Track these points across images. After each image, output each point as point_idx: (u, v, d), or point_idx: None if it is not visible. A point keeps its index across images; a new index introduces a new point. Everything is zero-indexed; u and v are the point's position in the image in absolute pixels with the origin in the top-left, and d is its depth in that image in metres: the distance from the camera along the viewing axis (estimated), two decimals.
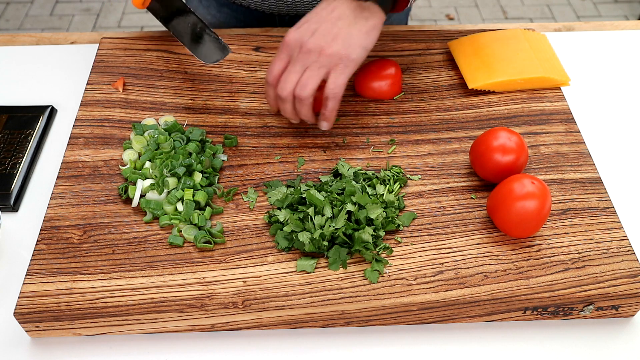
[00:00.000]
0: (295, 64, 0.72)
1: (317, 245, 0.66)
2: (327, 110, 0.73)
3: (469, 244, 0.69)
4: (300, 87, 0.71)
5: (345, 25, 0.72)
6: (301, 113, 0.73)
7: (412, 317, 0.66)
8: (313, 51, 0.71)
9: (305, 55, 0.71)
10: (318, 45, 0.71)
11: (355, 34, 0.72)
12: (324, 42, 0.71)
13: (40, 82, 0.91)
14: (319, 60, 0.71)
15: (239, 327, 0.65)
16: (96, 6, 2.66)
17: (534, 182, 0.67)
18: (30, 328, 0.64)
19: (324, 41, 0.71)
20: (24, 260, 0.70)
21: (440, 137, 0.80)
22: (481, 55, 0.88)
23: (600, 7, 2.71)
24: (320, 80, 0.72)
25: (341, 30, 0.72)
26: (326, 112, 0.74)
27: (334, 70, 0.72)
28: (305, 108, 0.73)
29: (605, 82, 0.93)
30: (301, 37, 0.72)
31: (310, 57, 0.71)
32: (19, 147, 0.80)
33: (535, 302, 0.65)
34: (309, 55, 0.71)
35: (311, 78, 0.71)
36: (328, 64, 0.71)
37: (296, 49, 0.72)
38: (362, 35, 0.73)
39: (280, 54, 0.73)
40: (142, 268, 0.66)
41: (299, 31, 0.72)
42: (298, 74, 0.72)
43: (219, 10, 1.05)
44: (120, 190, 0.72)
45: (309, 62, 0.71)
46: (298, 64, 0.72)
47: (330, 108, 0.73)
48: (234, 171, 0.76)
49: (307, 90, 0.71)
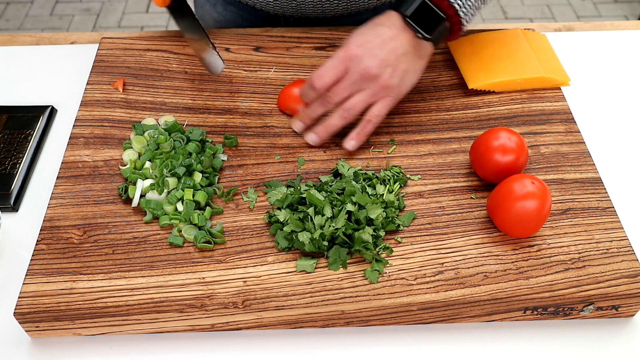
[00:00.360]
0: (353, 83, 0.74)
1: (317, 245, 0.66)
2: (362, 131, 0.76)
3: (469, 244, 0.69)
4: (350, 105, 0.74)
5: (405, 61, 0.75)
6: (330, 127, 0.76)
7: (412, 317, 0.66)
8: (374, 79, 0.73)
9: (365, 79, 0.73)
10: (379, 74, 0.73)
11: (412, 72, 0.76)
12: (386, 75, 0.74)
13: (40, 82, 0.91)
14: (374, 89, 0.74)
15: (239, 327, 0.65)
16: (96, 6, 2.66)
17: (534, 182, 0.67)
18: (30, 328, 0.64)
19: (386, 74, 0.74)
20: (24, 260, 0.70)
21: (440, 137, 0.80)
22: (481, 55, 0.88)
23: (600, 7, 2.71)
24: (367, 105, 0.75)
25: (401, 64, 0.74)
26: (361, 133, 0.76)
27: (382, 101, 0.75)
28: (341, 123, 0.75)
29: (605, 82, 0.93)
30: (366, 60, 0.73)
31: (368, 83, 0.74)
32: (19, 147, 0.81)
33: (535, 302, 0.65)
34: (367, 81, 0.73)
35: (360, 102, 0.74)
36: (381, 94, 0.75)
37: (356, 67, 0.73)
38: (415, 75, 0.77)
39: (337, 64, 0.74)
40: (142, 268, 0.66)
41: (363, 50, 0.73)
42: (351, 92, 0.74)
43: (225, 8, 1.05)
44: (120, 190, 0.72)
45: (365, 87, 0.74)
46: (355, 85, 0.74)
47: (367, 131, 0.76)
48: (234, 171, 0.76)
49: (355, 111, 0.75)
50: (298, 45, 0.91)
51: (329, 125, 0.76)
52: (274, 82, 0.87)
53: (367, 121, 0.75)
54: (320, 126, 0.76)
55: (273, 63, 0.89)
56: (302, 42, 0.92)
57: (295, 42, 0.92)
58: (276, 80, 0.87)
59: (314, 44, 0.92)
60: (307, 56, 0.90)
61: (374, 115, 0.75)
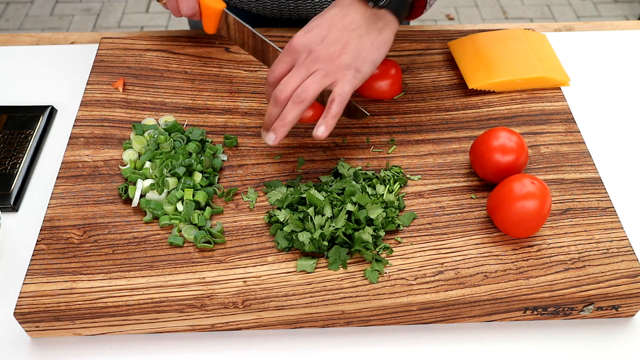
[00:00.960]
0: (299, 68, 0.68)
1: (317, 245, 0.66)
2: (329, 113, 0.68)
3: (469, 244, 0.69)
4: (301, 89, 0.67)
5: (357, 35, 0.69)
6: (287, 117, 0.68)
7: (412, 317, 0.66)
8: (321, 59, 0.68)
9: (313, 61, 0.68)
10: (327, 54, 0.68)
11: (367, 47, 0.69)
12: (334, 52, 0.68)
13: (40, 82, 0.91)
14: (325, 68, 0.68)
15: (239, 327, 0.65)
16: (96, 6, 2.66)
17: (534, 182, 0.67)
18: (30, 328, 0.64)
19: (333, 50, 0.68)
20: (24, 260, 0.70)
21: (440, 137, 0.80)
22: (481, 55, 0.88)
23: (600, 7, 2.71)
24: (322, 88, 0.68)
25: (352, 40, 0.69)
26: (328, 116, 0.68)
27: (341, 80, 0.68)
28: (296, 112, 0.67)
29: (605, 82, 0.93)
30: (310, 43, 0.68)
31: (317, 64, 0.68)
32: (19, 147, 0.81)
33: (535, 302, 0.65)
34: (315, 62, 0.68)
35: (315, 83, 0.67)
36: (335, 73, 0.68)
37: (303, 54, 0.68)
38: (374, 50, 0.70)
39: (284, 57, 0.70)
40: (142, 268, 0.66)
41: (308, 36, 0.69)
42: (300, 79, 0.68)
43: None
44: (120, 190, 0.72)
45: (314, 69, 0.68)
46: (303, 69, 0.68)
47: (333, 112, 0.68)
48: (234, 171, 0.76)
49: (308, 94, 0.67)
50: None
51: (283, 116, 0.68)
52: None
53: (331, 101, 0.68)
54: (277, 121, 0.69)
55: None
56: None
57: None
58: None
59: None
60: None
61: (337, 94, 0.67)
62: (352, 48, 0.68)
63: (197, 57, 0.89)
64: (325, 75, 0.68)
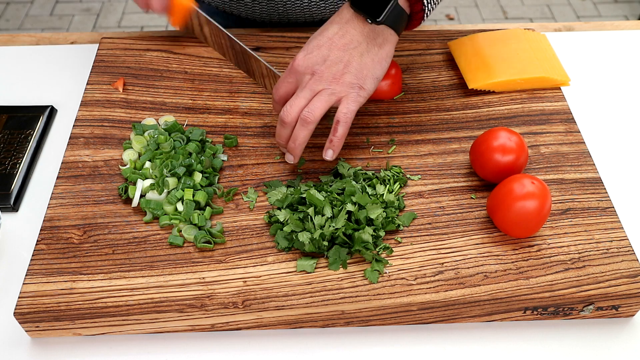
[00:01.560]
0: (304, 90, 0.69)
1: (317, 245, 0.66)
2: (335, 136, 0.70)
3: (469, 244, 0.69)
4: (308, 110, 0.69)
5: (358, 54, 0.70)
6: (299, 138, 0.70)
7: (412, 317, 0.66)
8: (324, 79, 0.69)
9: (316, 82, 0.69)
10: (330, 74, 0.69)
11: (369, 64, 0.70)
12: (337, 71, 0.69)
13: (40, 82, 0.91)
14: (330, 88, 0.69)
15: (239, 327, 0.65)
16: (96, 6, 2.66)
17: (534, 182, 0.67)
18: (30, 328, 0.64)
19: (336, 70, 0.69)
20: (24, 260, 0.70)
21: (440, 137, 0.80)
22: (481, 55, 0.88)
23: (600, 7, 2.71)
24: (329, 107, 0.69)
25: (354, 59, 0.70)
26: (334, 139, 0.70)
27: (346, 99, 0.70)
28: (306, 132, 0.70)
29: (605, 82, 0.93)
30: (312, 65, 0.70)
31: (321, 84, 0.69)
32: (19, 147, 0.81)
33: (535, 302, 0.65)
34: (320, 83, 0.69)
35: (321, 102, 0.69)
36: (339, 92, 0.69)
37: (307, 75, 0.70)
38: (376, 66, 0.71)
39: (287, 77, 0.71)
40: (142, 268, 0.66)
41: (310, 57, 0.70)
42: (306, 100, 0.69)
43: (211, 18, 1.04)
44: (120, 190, 0.72)
45: (319, 89, 0.69)
46: (307, 90, 0.69)
47: (339, 134, 0.70)
48: (234, 171, 0.76)
49: (315, 114, 0.69)
50: (298, 45, 0.91)
51: (295, 137, 0.70)
52: None
53: (336, 122, 0.70)
54: (290, 142, 0.71)
55: (273, 63, 0.89)
56: (302, 42, 0.92)
57: (295, 42, 0.92)
58: None
59: None
60: None
61: (342, 114, 0.69)
62: (354, 66, 0.70)
63: (197, 57, 0.89)
64: (330, 94, 0.69)
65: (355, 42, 0.70)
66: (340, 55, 0.70)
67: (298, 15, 0.96)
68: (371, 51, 0.71)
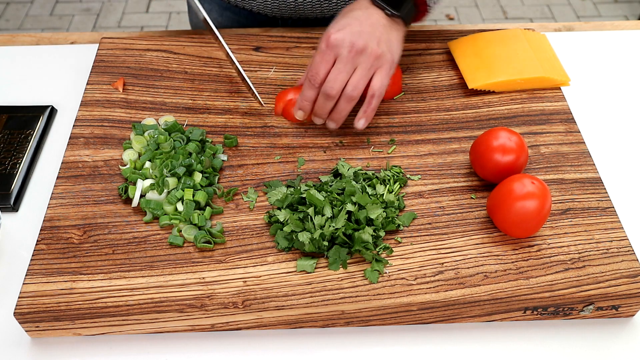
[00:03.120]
0: (345, 63, 0.73)
1: (317, 245, 0.66)
2: (369, 108, 0.76)
3: (469, 244, 0.69)
4: (352, 87, 0.74)
5: (385, 31, 0.76)
6: (343, 112, 0.76)
7: (412, 317, 0.66)
8: (364, 51, 0.73)
9: (356, 55, 0.73)
10: (368, 46, 0.73)
11: (394, 41, 0.77)
12: (372, 44, 0.73)
13: (40, 82, 0.91)
14: (368, 61, 0.73)
15: (239, 327, 0.65)
16: (96, 6, 2.66)
17: (534, 182, 0.67)
18: (30, 328, 0.64)
19: (371, 43, 0.73)
20: (24, 260, 0.70)
21: (440, 137, 0.80)
22: (481, 55, 0.88)
23: (600, 7, 2.71)
24: (368, 80, 0.74)
25: (383, 35, 0.75)
26: (368, 110, 0.76)
27: (379, 72, 0.75)
28: (351, 105, 0.75)
29: (605, 82, 0.93)
30: (349, 37, 0.73)
31: (360, 57, 0.73)
32: (19, 147, 0.81)
33: (535, 302, 0.65)
34: (359, 56, 0.73)
35: (362, 78, 0.74)
36: (376, 65, 0.74)
37: (345, 48, 0.73)
38: (399, 45, 0.78)
39: (325, 55, 0.74)
40: (142, 268, 0.66)
41: (345, 32, 0.73)
42: (348, 74, 0.74)
43: (221, 14, 1.05)
44: (120, 190, 0.72)
45: (358, 62, 0.73)
46: (349, 64, 0.73)
47: (373, 106, 0.76)
48: (234, 171, 0.76)
49: (358, 90, 0.74)
50: (298, 45, 0.91)
51: (340, 110, 0.76)
52: (274, 82, 0.87)
53: (371, 96, 0.75)
54: (334, 114, 0.76)
55: (273, 63, 0.89)
56: (302, 42, 0.92)
57: (295, 42, 0.92)
58: (276, 80, 0.87)
59: (314, 44, 0.92)
60: (307, 56, 0.90)
61: (377, 88, 0.75)
62: (384, 41, 0.75)
63: (197, 57, 0.89)
64: (369, 68, 0.74)
65: (380, 23, 0.76)
66: (372, 30, 0.74)
67: (309, 11, 0.97)
68: (393, 32, 0.77)
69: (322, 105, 0.76)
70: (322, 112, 0.77)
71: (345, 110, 0.76)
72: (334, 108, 0.76)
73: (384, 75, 0.75)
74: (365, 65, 0.74)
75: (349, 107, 0.75)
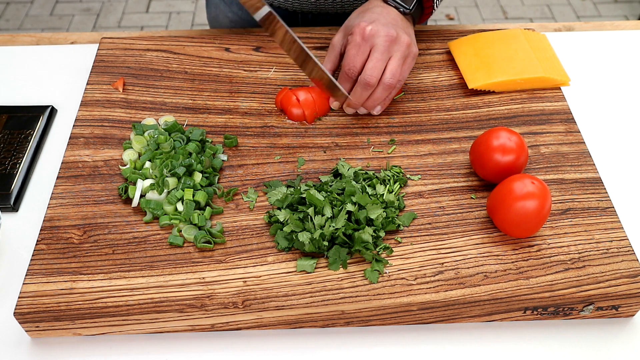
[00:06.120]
0: (382, 52, 0.77)
1: (317, 245, 0.66)
2: (389, 97, 0.81)
3: (469, 244, 0.69)
4: (390, 74, 0.77)
5: (404, 26, 0.81)
6: (379, 99, 0.79)
7: (412, 317, 0.66)
8: (397, 40, 0.77)
9: (391, 44, 0.77)
10: (400, 35, 0.78)
11: (412, 34, 0.82)
12: (401, 35, 0.78)
13: (40, 82, 0.91)
14: (401, 50, 0.78)
15: (239, 327, 0.65)
16: (96, 6, 2.66)
17: (534, 182, 0.67)
18: (30, 328, 0.64)
19: (400, 34, 0.78)
20: (24, 260, 0.70)
21: (440, 137, 0.80)
22: (481, 55, 0.88)
23: (600, 7, 2.71)
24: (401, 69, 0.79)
25: (404, 28, 0.80)
26: (387, 100, 0.81)
27: (406, 61, 0.79)
28: (385, 95, 0.79)
29: (605, 82, 0.93)
30: (382, 28, 0.77)
31: (394, 46, 0.77)
32: (19, 147, 0.81)
33: (535, 302, 0.65)
34: (393, 45, 0.77)
35: (397, 65, 0.78)
36: (406, 54, 0.78)
37: (381, 37, 0.77)
38: (414, 39, 0.82)
39: (361, 47, 0.77)
40: (142, 268, 0.66)
41: (377, 24, 0.77)
42: (384, 62, 0.77)
43: (241, 7, 1.05)
44: (120, 190, 0.72)
45: (393, 52, 0.77)
46: (385, 52, 0.77)
47: (392, 96, 0.81)
48: (234, 171, 0.76)
49: (397, 77, 0.78)
50: None
51: (376, 99, 0.79)
52: (274, 82, 0.87)
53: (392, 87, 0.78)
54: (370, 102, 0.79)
55: (273, 63, 0.89)
56: (302, 42, 0.92)
57: None
58: (276, 80, 0.87)
59: (314, 44, 0.92)
60: None
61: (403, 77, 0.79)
62: (407, 34, 0.80)
63: (197, 57, 0.89)
64: (402, 56, 0.78)
65: (398, 19, 0.81)
66: (395, 23, 0.79)
67: (329, 6, 0.98)
68: (409, 28, 0.82)
69: (359, 95, 0.78)
70: (359, 102, 0.79)
71: (382, 97, 0.79)
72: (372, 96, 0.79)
73: (409, 64, 0.79)
74: (399, 54, 0.78)
75: (384, 95, 0.78)
